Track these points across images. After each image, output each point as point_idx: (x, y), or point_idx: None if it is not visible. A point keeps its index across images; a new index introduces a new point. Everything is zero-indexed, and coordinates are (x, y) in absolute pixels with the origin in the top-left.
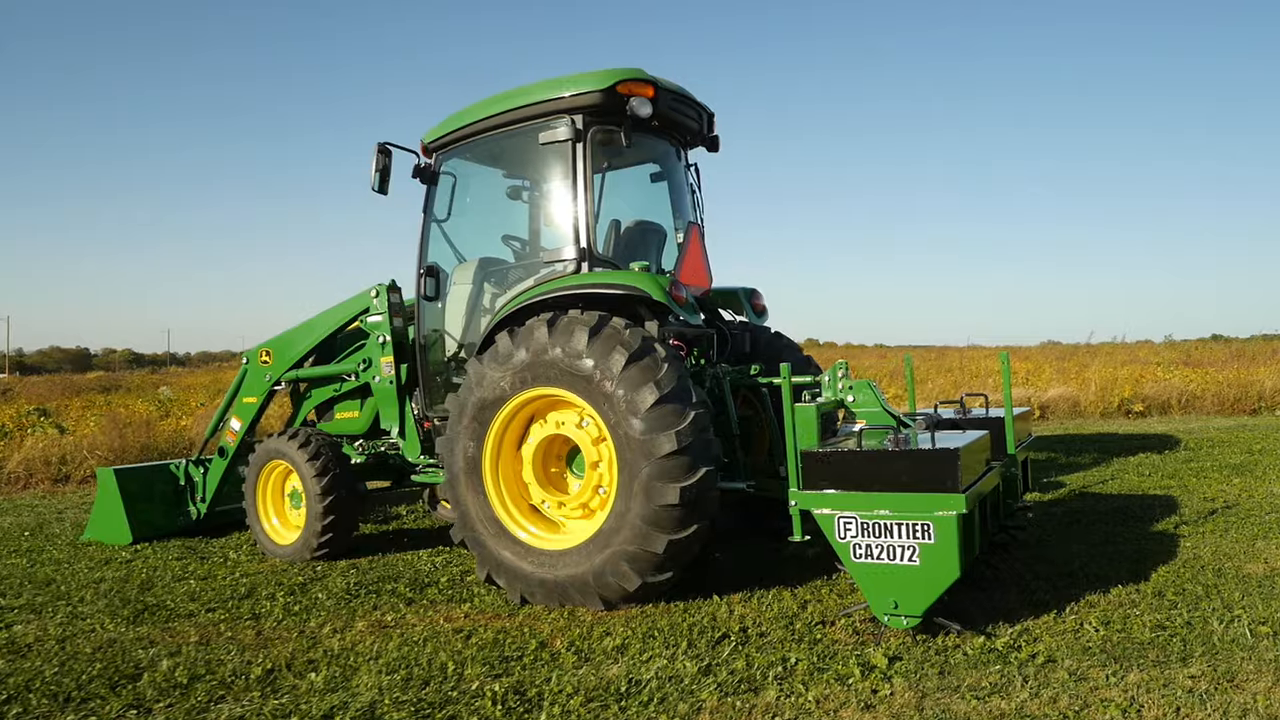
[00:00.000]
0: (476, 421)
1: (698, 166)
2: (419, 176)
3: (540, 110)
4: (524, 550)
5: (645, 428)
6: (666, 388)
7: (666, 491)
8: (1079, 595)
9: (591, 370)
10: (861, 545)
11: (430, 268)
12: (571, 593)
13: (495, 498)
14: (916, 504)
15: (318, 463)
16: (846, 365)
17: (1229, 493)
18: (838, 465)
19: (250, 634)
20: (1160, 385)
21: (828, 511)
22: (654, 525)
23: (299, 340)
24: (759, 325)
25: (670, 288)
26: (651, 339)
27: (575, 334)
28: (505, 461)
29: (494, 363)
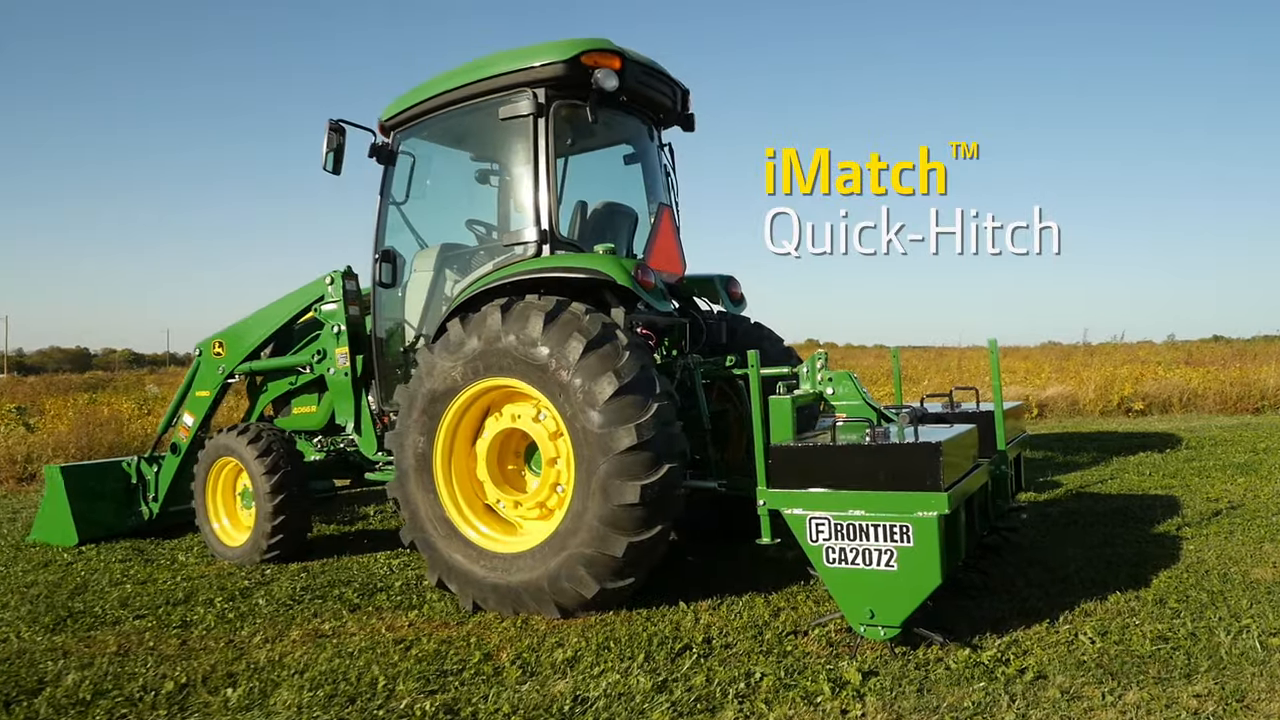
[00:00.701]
0: (427, 415)
1: (672, 146)
2: (375, 156)
3: (500, 84)
4: (476, 553)
5: (603, 421)
6: (627, 378)
7: (626, 490)
8: (1074, 602)
9: (547, 359)
10: (835, 549)
11: (386, 252)
12: (526, 599)
13: (447, 497)
14: (894, 504)
15: (267, 459)
16: (825, 355)
17: (1233, 493)
18: (808, 461)
19: (175, 644)
20: (1161, 383)
21: (798, 512)
22: (613, 527)
23: (253, 330)
24: (737, 315)
25: (636, 272)
26: (613, 326)
27: (530, 320)
28: (459, 458)
29: (445, 352)
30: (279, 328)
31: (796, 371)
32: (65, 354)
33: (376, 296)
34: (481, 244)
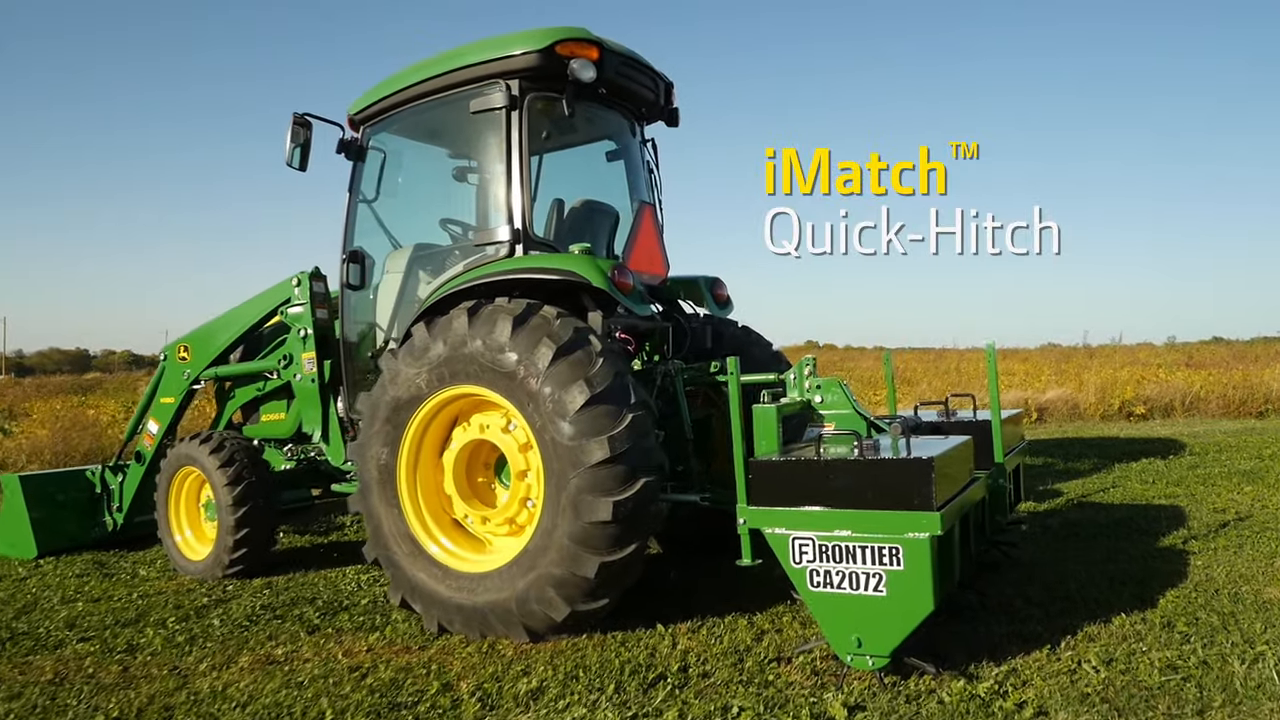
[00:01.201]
0: (390, 424)
1: (655, 142)
2: (344, 152)
3: (472, 75)
4: (441, 572)
5: (574, 432)
6: (599, 386)
7: (598, 506)
8: (1076, 626)
9: (515, 366)
10: (819, 571)
11: (354, 253)
12: (493, 622)
13: (411, 511)
14: (883, 523)
15: (230, 470)
16: (814, 361)
17: (1240, 502)
18: (791, 477)
19: (115, 671)
20: (1162, 387)
21: (780, 531)
22: (584, 545)
23: (219, 334)
24: (723, 318)
25: (614, 273)
26: (587, 330)
27: (498, 324)
28: (424, 470)
29: (409, 358)
30: (245, 331)
31: (783, 378)
32: (65, 355)
33: (344, 299)
34: (456, 244)
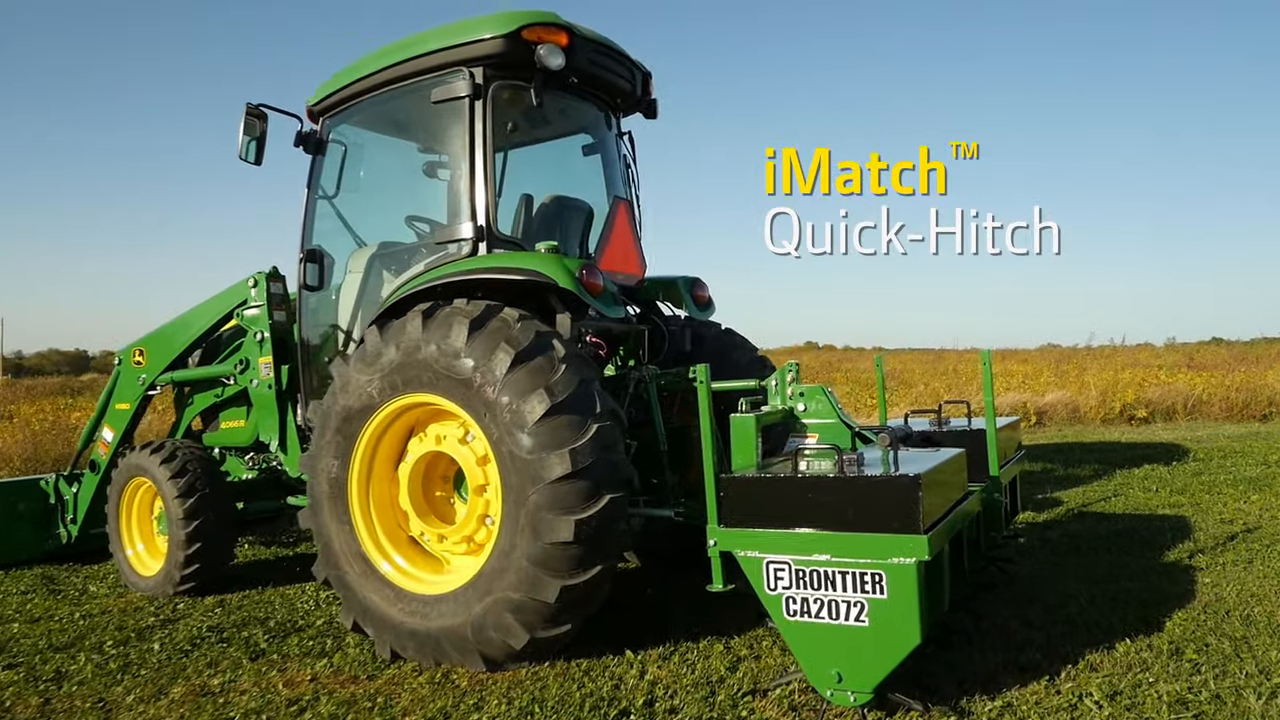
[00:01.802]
0: (341, 435)
1: (632, 135)
2: (302, 145)
3: (434, 62)
4: (394, 594)
5: (533, 444)
6: (561, 395)
7: (558, 525)
8: (1077, 653)
9: (471, 373)
10: (796, 599)
11: (312, 252)
12: (447, 648)
13: (363, 528)
14: (865, 547)
15: (182, 480)
16: (797, 367)
17: (1248, 512)
18: (765, 495)
19: (36, 703)
20: (1164, 389)
21: (753, 554)
22: (543, 567)
23: (175, 337)
24: (704, 320)
25: (582, 273)
26: (550, 335)
27: (454, 328)
28: (378, 484)
29: (361, 364)
30: (202, 334)
31: (764, 385)
32: (64, 356)
33: (302, 300)
34: (420, 243)
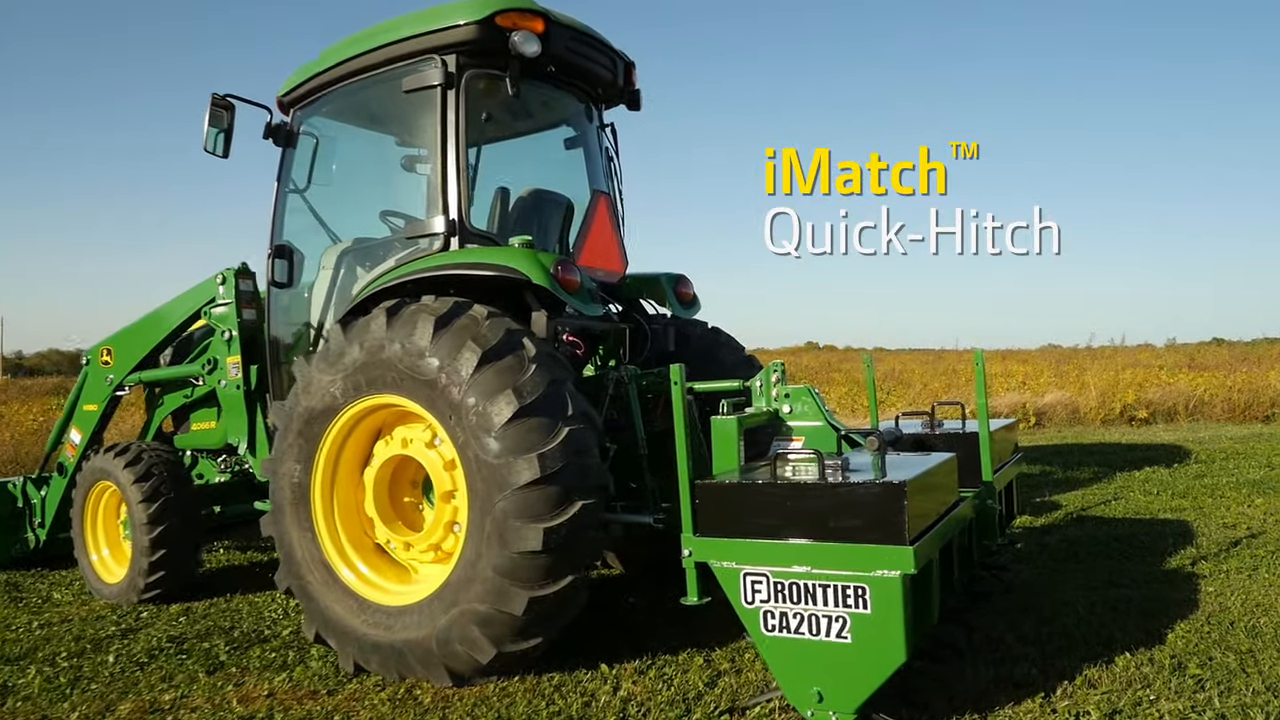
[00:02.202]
0: (303, 438)
1: (614, 128)
2: (272, 137)
3: (405, 50)
4: (357, 604)
5: (500, 449)
6: (530, 396)
7: (526, 534)
8: (1075, 668)
9: (436, 373)
10: (774, 613)
11: (281, 248)
12: (412, 662)
13: (326, 536)
14: (847, 559)
15: (146, 485)
16: (782, 367)
17: (1251, 516)
18: (741, 502)
19: None
20: (1165, 390)
21: (730, 565)
22: (511, 578)
23: (143, 335)
24: (688, 319)
25: (557, 269)
26: (521, 333)
27: (419, 326)
28: (343, 489)
29: (323, 363)
30: (170, 333)
31: (749, 386)
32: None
33: (271, 298)
34: (392, 238)
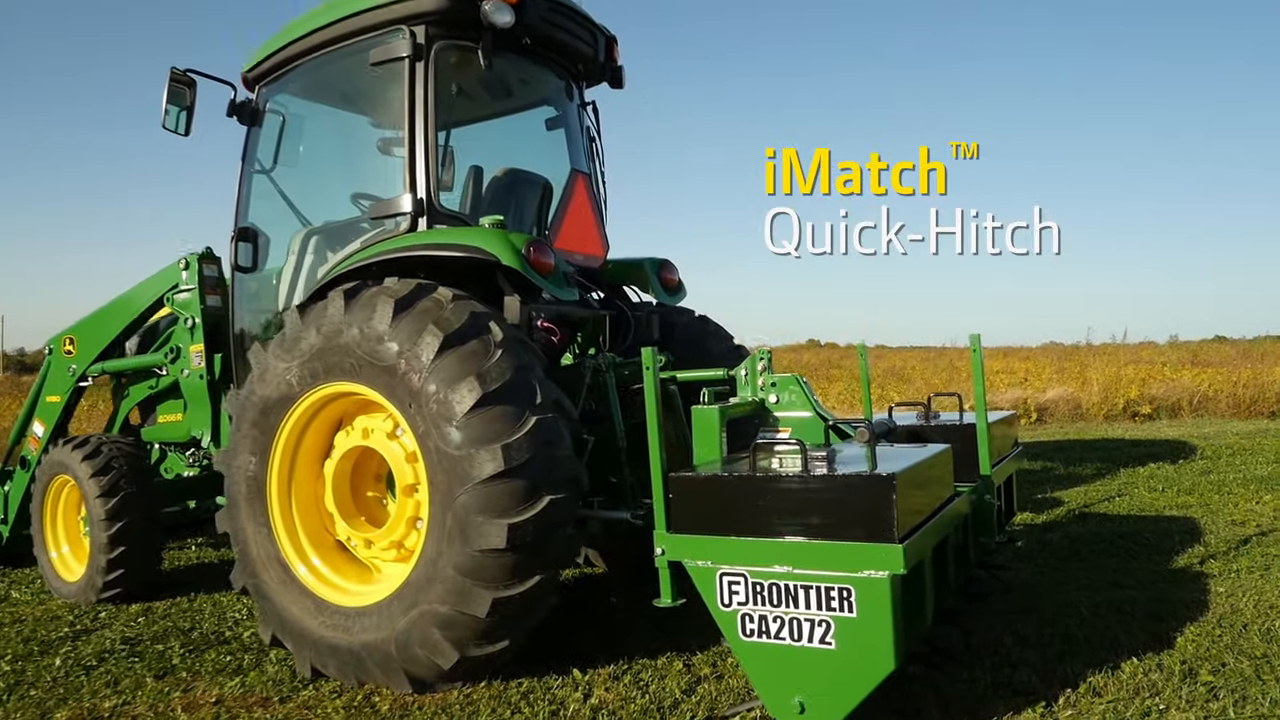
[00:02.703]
0: (259, 429)
1: (596, 105)
2: (237, 115)
3: (372, 21)
4: (314, 604)
5: (462, 439)
6: (494, 384)
7: (489, 530)
8: (1078, 674)
9: (395, 358)
10: (753, 616)
11: (244, 230)
12: (370, 667)
13: (283, 532)
14: (831, 557)
15: (104, 479)
16: (769, 355)
17: (1260, 514)
18: (717, 496)
19: None
20: (1169, 385)
21: (705, 564)
22: (473, 578)
23: (106, 323)
24: (674, 306)
25: (529, 250)
26: (488, 317)
27: (378, 309)
28: (302, 483)
29: (279, 349)
30: (133, 321)
31: (733, 375)
32: None
33: (236, 283)
34: (359, 219)
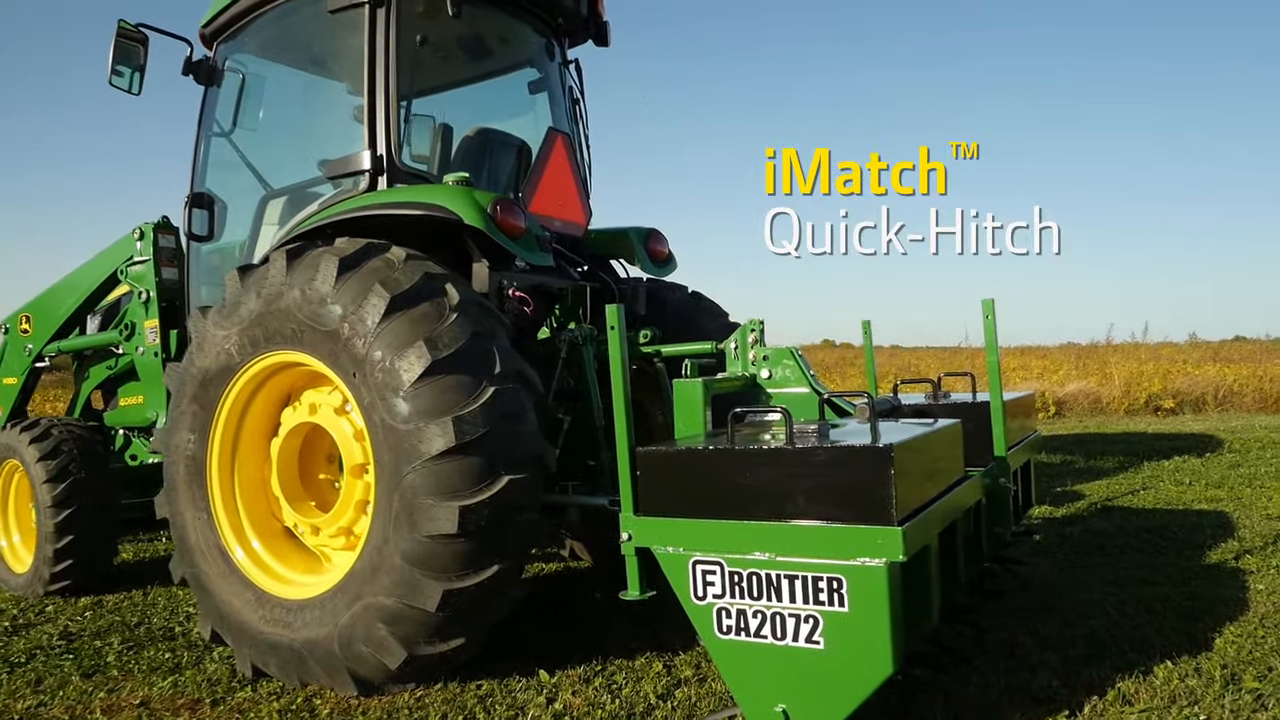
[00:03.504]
0: (198, 403)
1: (579, 64)
2: (193, 74)
3: None
4: (255, 597)
5: (410, 411)
6: (446, 349)
7: (438, 514)
8: (1105, 679)
9: (338, 323)
10: (730, 611)
11: (199, 196)
12: (313, 666)
13: (224, 517)
14: (819, 543)
15: (52, 463)
16: (761, 327)
17: None
18: (689, 473)
19: None
20: (1192, 380)
21: (676, 551)
22: (422, 567)
23: (62, 299)
24: (665, 282)
25: (495, 209)
26: (445, 279)
27: (321, 269)
28: (245, 464)
29: (219, 316)
30: (88, 296)
31: (722, 349)
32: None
33: (191, 253)
34: (317, 180)
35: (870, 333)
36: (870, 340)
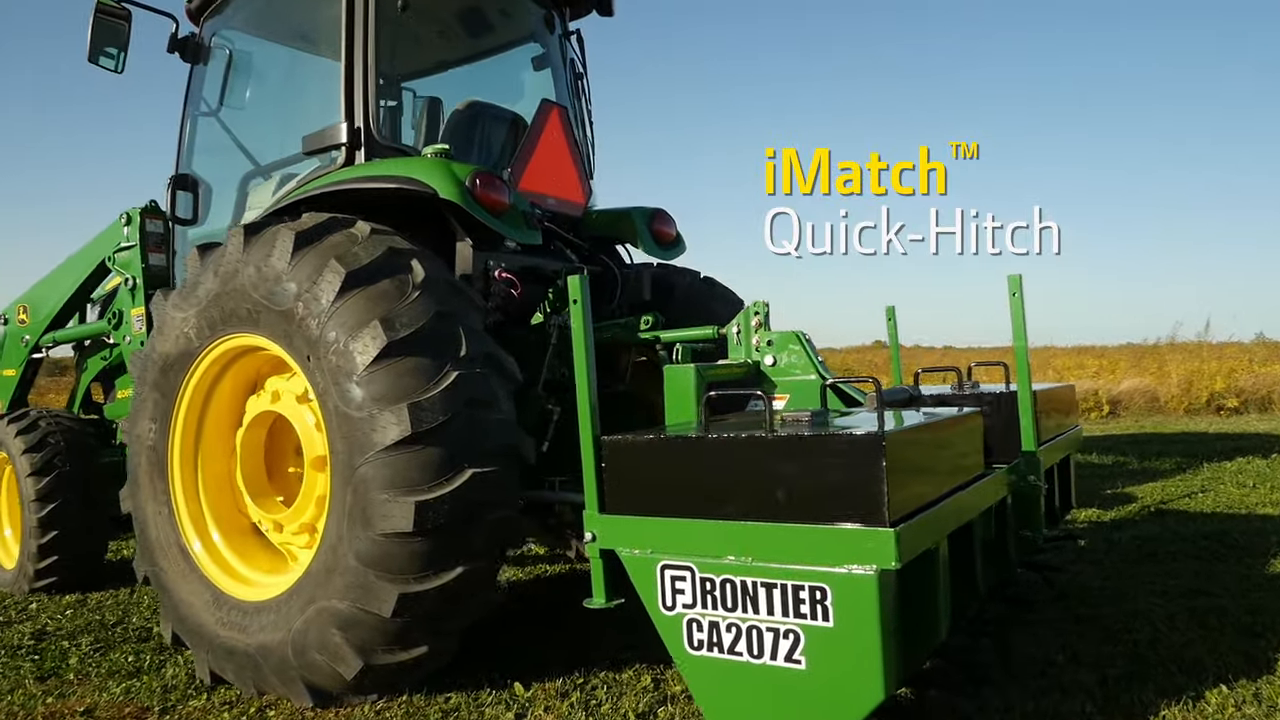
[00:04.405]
0: (159, 390)
1: (580, 35)
2: (179, 51)
3: None
4: (213, 598)
5: (363, 397)
6: (404, 330)
7: (392, 510)
8: (1148, 704)
9: (293, 301)
10: (702, 623)
11: (183, 178)
12: (267, 673)
13: (185, 512)
14: (800, 546)
15: (38, 455)
16: (766, 309)
17: None
18: (658, 466)
19: None
20: (1258, 378)
21: (643, 554)
22: (377, 568)
23: (56, 288)
24: (674, 266)
25: (475, 182)
26: (412, 254)
27: (277, 244)
28: (209, 456)
29: (178, 298)
30: (80, 285)
31: (723, 333)
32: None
33: (176, 237)
34: (295, 156)
35: (895, 319)
36: (895, 328)
